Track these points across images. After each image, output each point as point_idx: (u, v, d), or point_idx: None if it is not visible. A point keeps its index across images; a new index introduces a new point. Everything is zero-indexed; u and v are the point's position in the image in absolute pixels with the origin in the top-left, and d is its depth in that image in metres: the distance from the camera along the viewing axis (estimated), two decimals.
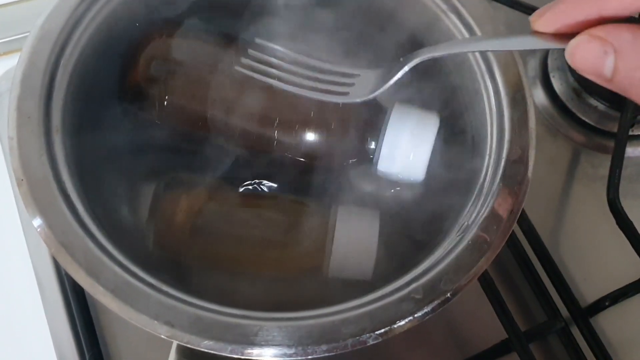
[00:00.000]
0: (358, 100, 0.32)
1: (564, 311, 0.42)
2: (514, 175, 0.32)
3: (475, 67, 0.35)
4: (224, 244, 0.37)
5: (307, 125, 0.36)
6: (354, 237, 0.36)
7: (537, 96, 0.51)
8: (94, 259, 0.28)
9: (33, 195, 0.29)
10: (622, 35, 0.21)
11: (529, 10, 0.48)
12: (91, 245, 0.29)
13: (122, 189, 0.35)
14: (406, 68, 0.30)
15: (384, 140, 0.35)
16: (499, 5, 0.48)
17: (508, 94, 0.34)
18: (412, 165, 0.35)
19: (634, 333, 0.43)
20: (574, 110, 0.50)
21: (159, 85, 0.36)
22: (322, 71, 0.34)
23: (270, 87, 0.34)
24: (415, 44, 0.38)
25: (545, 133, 0.50)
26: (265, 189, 0.39)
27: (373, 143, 0.36)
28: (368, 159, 0.36)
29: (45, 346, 0.40)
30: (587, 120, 0.49)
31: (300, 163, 0.37)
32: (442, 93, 0.37)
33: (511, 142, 0.32)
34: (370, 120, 0.36)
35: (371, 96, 0.31)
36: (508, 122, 0.33)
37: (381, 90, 0.31)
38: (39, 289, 0.42)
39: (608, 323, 0.43)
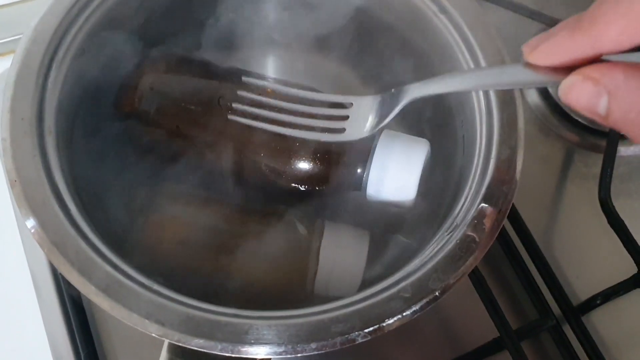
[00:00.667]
0: (355, 138, 0.32)
1: (555, 309, 0.42)
2: (503, 175, 0.32)
3: (465, 67, 0.35)
4: (210, 257, 0.37)
5: (294, 154, 0.36)
6: (340, 258, 0.36)
7: (530, 95, 0.51)
8: (86, 259, 0.29)
9: (26, 196, 0.30)
10: (615, 76, 0.21)
11: (520, 9, 0.48)
12: (83, 245, 0.29)
13: (114, 190, 0.35)
14: (400, 107, 0.30)
15: (372, 166, 0.35)
16: (489, 5, 0.48)
17: (497, 94, 0.34)
18: (402, 190, 0.35)
19: (626, 331, 0.43)
20: (566, 109, 0.50)
21: (150, 115, 0.37)
22: (314, 103, 0.34)
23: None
24: (405, 46, 0.39)
25: (538, 132, 0.50)
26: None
27: (361, 169, 0.36)
28: (357, 186, 0.36)
29: (41, 345, 0.41)
30: (579, 119, 0.50)
31: (287, 189, 0.37)
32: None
33: (500, 142, 0.33)
34: (359, 145, 0.36)
35: (367, 134, 0.32)
36: (497, 123, 0.33)
37: (377, 128, 0.31)
38: (34, 289, 0.42)
39: (600, 321, 0.43)
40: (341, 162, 0.36)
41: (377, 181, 0.35)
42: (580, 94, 0.22)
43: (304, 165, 0.36)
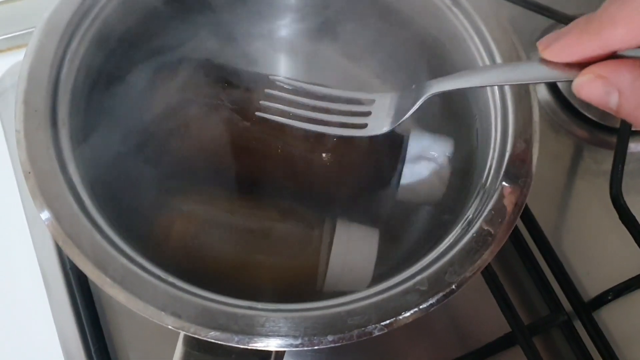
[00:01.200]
0: (377, 133, 0.33)
1: (566, 305, 0.42)
2: (518, 169, 0.32)
3: (479, 61, 0.35)
4: (221, 258, 0.37)
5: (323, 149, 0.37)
6: (351, 254, 0.36)
7: (540, 92, 0.51)
8: (101, 251, 0.28)
9: (40, 188, 0.29)
10: (623, 75, 0.22)
11: (530, 5, 0.48)
12: (98, 237, 0.29)
13: (128, 182, 0.35)
14: (419, 102, 0.31)
15: (404, 170, 0.36)
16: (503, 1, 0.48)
17: (512, 88, 0.34)
18: (433, 190, 0.36)
19: (637, 327, 0.43)
20: (576, 105, 0.50)
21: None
22: (338, 100, 0.35)
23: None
24: (419, 39, 0.38)
25: (548, 129, 0.50)
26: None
27: (390, 169, 0.36)
28: (384, 185, 0.37)
29: (51, 340, 0.41)
30: (590, 115, 0.50)
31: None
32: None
33: (515, 135, 0.33)
34: (386, 145, 0.37)
35: (389, 129, 0.32)
36: (512, 116, 0.33)
37: (398, 123, 0.32)
38: (44, 284, 0.42)
39: (611, 317, 0.43)
40: (367, 161, 0.37)
41: (408, 182, 0.36)
42: (592, 91, 0.23)
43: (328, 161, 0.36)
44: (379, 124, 0.33)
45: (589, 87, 0.23)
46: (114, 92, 0.36)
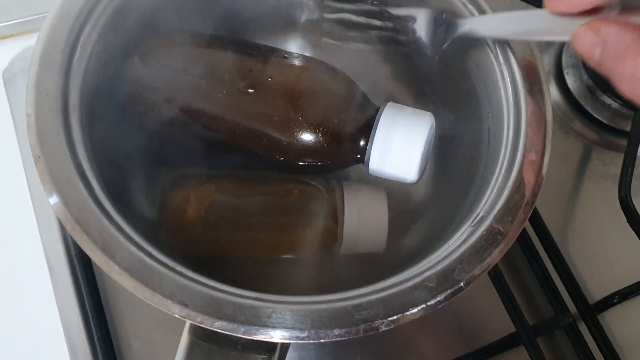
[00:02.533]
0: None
1: (571, 307, 0.42)
2: (530, 168, 0.32)
3: (493, 59, 0.35)
4: (235, 233, 0.37)
5: (299, 124, 0.35)
6: (363, 210, 0.36)
7: (551, 93, 0.51)
8: (109, 238, 0.28)
9: (50, 173, 0.29)
10: (611, 27, 0.25)
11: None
12: (107, 223, 0.29)
13: (137, 169, 0.35)
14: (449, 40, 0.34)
15: (374, 140, 0.34)
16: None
17: (525, 86, 0.34)
18: (404, 166, 0.34)
19: None
20: (587, 107, 0.50)
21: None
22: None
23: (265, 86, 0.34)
24: None
25: (558, 130, 0.50)
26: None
27: (364, 142, 0.35)
28: (360, 159, 0.36)
29: (54, 326, 0.41)
30: (600, 118, 0.49)
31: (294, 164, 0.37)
32: (460, 83, 0.37)
33: (527, 134, 0.32)
34: (363, 118, 0.36)
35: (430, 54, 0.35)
36: (525, 115, 0.33)
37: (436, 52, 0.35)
38: (48, 270, 0.42)
39: (616, 320, 0.43)
40: (344, 135, 0.35)
41: (380, 155, 0.34)
42: (583, 42, 0.26)
43: (307, 138, 0.35)
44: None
45: (582, 37, 0.26)
46: (126, 78, 0.35)
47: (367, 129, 0.35)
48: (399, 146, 0.34)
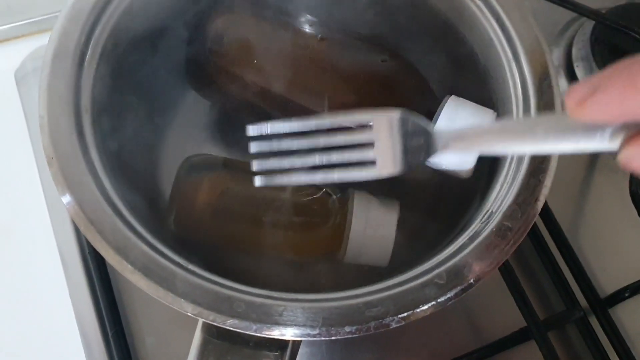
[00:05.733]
0: (387, 174, 0.29)
1: (582, 301, 0.42)
2: (539, 164, 0.32)
3: (502, 55, 0.35)
4: (243, 226, 0.38)
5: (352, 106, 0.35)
6: (371, 225, 0.36)
7: (561, 86, 0.50)
8: (122, 237, 0.29)
9: (63, 174, 0.30)
10: None
11: None
12: (119, 223, 0.29)
13: (149, 169, 0.35)
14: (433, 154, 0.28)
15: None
16: None
17: (535, 82, 0.33)
18: (460, 159, 0.33)
19: None
20: None
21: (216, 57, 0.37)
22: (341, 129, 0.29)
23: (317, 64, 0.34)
24: (442, 30, 0.38)
25: None
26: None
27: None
28: None
29: (69, 324, 0.41)
30: None
31: None
32: (469, 79, 0.37)
33: None
34: (426, 109, 0.35)
35: (401, 171, 0.29)
36: (534, 110, 0.33)
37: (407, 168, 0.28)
38: (63, 269, 0.43)
39: (627, 314, 0.43)
40: None
41: None
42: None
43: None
44: (386, 162, 0.28)
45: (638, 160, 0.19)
46: (137, 79, 0.36)
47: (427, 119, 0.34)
48: None
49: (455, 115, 0.34)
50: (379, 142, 0.28)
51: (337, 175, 0.29)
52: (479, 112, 0.34)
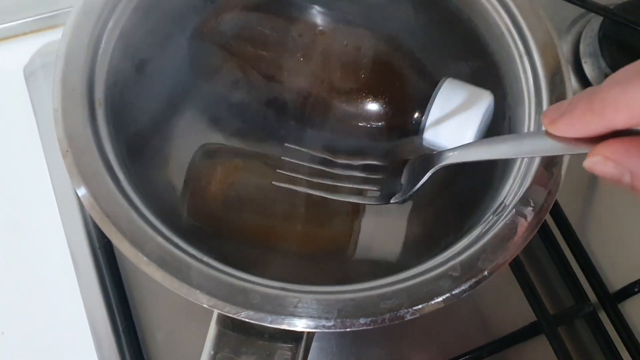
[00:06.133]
0: (386, 203, 0.33)
1: (592, 296, 0.42)
2: (552, 157, 0.32)
3: (514, 48, 0.35)
4: (254, 216, 0.38)
5: (357, 92, 0.36)
6: (382, 219, 0.36)
7: None
8: (137, 230, 0.29)
9: (77, 166, 0.30)
10: (633, 158, 0.22)
11: None
12: (134, 215, 0.29)
13: (163, 161, 0.35)
14: (429, 173, 0.31)
15: (431, 110, 0.34)
16: None
17: (546, 76, 0.34)
18: (457, 141, 0.34)
19: None
20: None
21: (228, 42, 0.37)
22: (350, 167, 0.35)
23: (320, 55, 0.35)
24: (453, 23, 0.38)
25: None
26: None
27: (420, 113, 0.35)
28: (415, 130, 0.36)
29: (79, 319, 0.41)
30: None
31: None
32: (480, 72, 0.37)
33: None
34: (420, 91, 0.36)
35: (399, 201, 0.33)
36: (546, 104, 0.33)
37: (407, 195, 0.32)
38: (72, 263, 0.43)
39: (636, 309, 0.43)
40: (402, 105, 0.36)
41: (435, 126, 0.34)
42: (605, 171, 0.23)
43: (368, 102, 0.36)
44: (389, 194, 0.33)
45: (601, 168, 0.23)
46: (151, 72, 0.36)
47: (424, 101, 0.35)
48: (455, 120, 0.34)
49: (452, 96, 0.34)
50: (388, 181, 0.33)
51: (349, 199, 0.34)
52: (475, 93, 0.34)
